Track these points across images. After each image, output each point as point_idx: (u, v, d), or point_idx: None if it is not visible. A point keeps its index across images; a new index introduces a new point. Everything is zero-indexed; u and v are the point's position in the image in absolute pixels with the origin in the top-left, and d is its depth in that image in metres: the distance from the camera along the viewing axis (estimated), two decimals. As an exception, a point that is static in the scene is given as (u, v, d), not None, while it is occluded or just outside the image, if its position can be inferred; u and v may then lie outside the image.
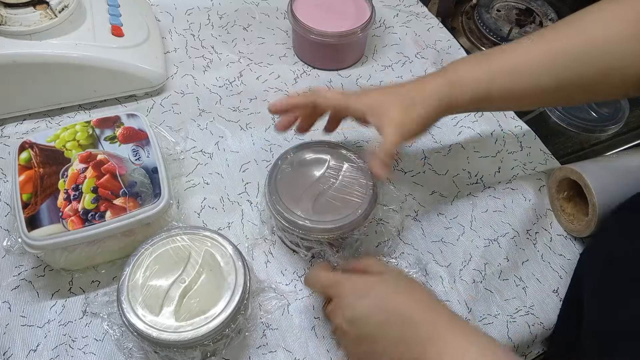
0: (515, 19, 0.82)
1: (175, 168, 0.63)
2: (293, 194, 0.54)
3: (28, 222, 0.49)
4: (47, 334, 0.52)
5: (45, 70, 0.62)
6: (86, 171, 0.53)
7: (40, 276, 0.55)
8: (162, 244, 0.51)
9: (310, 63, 0.76)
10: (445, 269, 0.59)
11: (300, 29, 0.71)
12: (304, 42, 0.74)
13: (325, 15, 0.73)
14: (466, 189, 0.65)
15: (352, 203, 0.54)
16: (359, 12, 0.73)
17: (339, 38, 0.71)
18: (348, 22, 0.72)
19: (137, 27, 0.70)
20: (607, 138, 0.73)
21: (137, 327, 0.46)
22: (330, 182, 0.56)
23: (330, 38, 0.71)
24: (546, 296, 0.58)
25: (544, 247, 0.61)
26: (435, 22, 0.84)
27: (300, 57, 0.77)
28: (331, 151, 0.58)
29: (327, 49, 0.73)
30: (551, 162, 0.68)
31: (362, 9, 0.74)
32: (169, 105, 0.70)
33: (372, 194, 0.55)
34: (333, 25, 0.71)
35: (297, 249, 0.57)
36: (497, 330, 0.55)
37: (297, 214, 0.53)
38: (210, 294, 0.48)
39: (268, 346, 0.53)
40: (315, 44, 0.73)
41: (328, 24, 0.71)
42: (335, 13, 0.73)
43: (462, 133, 0.70)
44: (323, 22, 0.71)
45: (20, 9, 0.59)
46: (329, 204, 0.54)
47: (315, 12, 0.73)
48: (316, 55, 0.75)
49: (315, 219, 0.53)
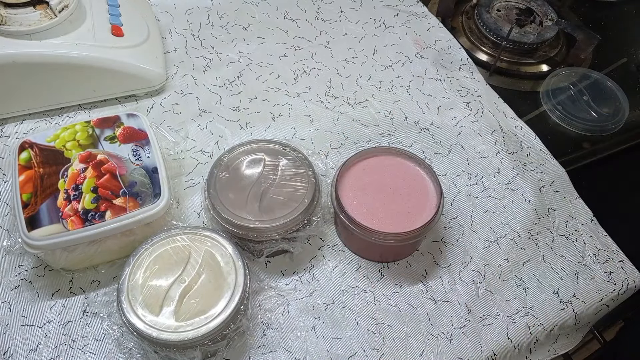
0: (515, 19, 0.82)
1: (175, 168, 0.63)
2: (237, 199, 0.54)
3: (28, 222, 0.49)
4: (47, 333, 0.52)
5: (45, 70, 0.62)
6: (86, 171, 0.53)
7: (40, 276, 0.55)
8: (162, 244, 0.51)
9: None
10: (445, 269, 0.59)
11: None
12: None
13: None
14: (466, 189, 0.65)
15: (297, 194, 0.54)
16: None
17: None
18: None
19: (137, 27, 0.70)
20: (607, 138, 0.73)
21: (137, 327, 0.46)
22: (271, 178, 0.55)
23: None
24: (546, 297, 0.58)
25: (545, 247, 0.61)
26: (435, 22, 0.84)
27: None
28: (264, 149, 0.58)
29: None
30: (551, 162, 0.68)
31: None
32: (169, 105, 0.70)
33: (315, 181, 0.55)
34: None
35: (252, 254, 0.56)
36: (497, 331, 0.55)
37: (246, 218, 0.53)
38: (210, 294, 0.48)
39: (268, 346, 0.53)
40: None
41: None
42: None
43: (462, 133, 0.70)
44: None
45: (20, 9, 0.59)
46: (275, 201, 0.54)
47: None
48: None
49: (266, 218, 0.53)
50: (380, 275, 0.58)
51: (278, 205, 0.54)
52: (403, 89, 0.75)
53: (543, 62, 0.82)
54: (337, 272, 0.58)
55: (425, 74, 0.77)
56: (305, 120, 0.70)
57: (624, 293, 0.60)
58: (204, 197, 0.56)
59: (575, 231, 0.63)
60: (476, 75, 0.77)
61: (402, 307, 0.56)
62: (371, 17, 0.84)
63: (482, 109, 0.73)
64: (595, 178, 0.72)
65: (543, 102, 0.76)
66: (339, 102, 0.73)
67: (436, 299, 0.57)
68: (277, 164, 0.57)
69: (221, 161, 0.57)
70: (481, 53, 0.82)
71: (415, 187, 0.57)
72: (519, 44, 0.79)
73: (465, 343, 0.54)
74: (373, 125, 0.71)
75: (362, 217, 0.54)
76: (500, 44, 0.79)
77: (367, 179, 0.58)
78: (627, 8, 0.94)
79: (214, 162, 0.57)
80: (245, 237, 0.53)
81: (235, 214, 0.53)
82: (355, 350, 0.53)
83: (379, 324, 0.55)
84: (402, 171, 0.58)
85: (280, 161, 0.57)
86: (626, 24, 0.91)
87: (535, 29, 0.81)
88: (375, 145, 0.68)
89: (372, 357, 0.53)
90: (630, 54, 0.85)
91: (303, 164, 0.57)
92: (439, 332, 0.55)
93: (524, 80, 0.80)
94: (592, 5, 0.93)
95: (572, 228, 0.63)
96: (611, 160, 0.73)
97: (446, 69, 0.78)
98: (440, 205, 0.55)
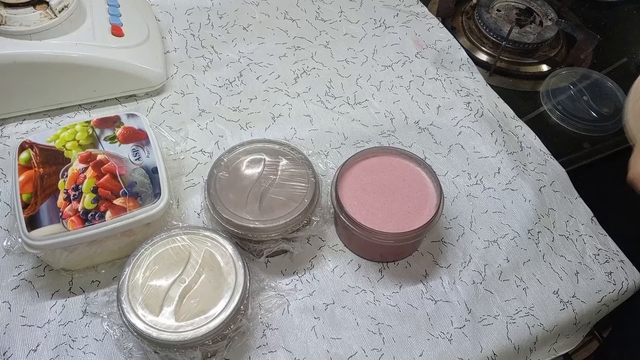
0: (515, 19, 0.82)
1: (175, 168, 0.63)
2: (237, 199, 0.54)
3: (28, 222, 0.49)
4: (47, 334, 0.52)
5: (45, 70, 0.62)
6: (86, 171, 0.53)
7: (40, 276, 0.55)
8: (162, 244, 0.51)
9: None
10: (445, 269, 0.59)
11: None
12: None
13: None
14: (466, 189, 0.65)
15: (297, 194, 0.54)
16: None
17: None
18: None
19: (137, 27, 0.70)
20: (607, 138, 0.73)
21: (137, 327, 0.46)
22: (271, 178, 0.56)
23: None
24: (546, 297, 0.58)
25: (545, 247, 0.61)
26: (435, 22, 0.84)
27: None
28: (264, 149, 0.58)
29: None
30: (551, 162, 0.68)
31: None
32: (169, 105, 0.70)
33: (315, 181, 0.55)
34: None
35: (252, 254, 0.56)
36: (497, 331, 0.55)
37: (246, 218, 0.53)
38: (210, 294, 0.48)
39: (268, 346, 0.53)
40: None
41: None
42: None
43: (462, 133, 0.70)
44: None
45: (20, 9, 0.59)
46: (275, 201, 0.54)
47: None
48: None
49: (266, 218, 0.53)
50: (380, 275, 0.58)
51: (278, 205, 0.54)
52: (403, 89, 0.75)
53: (543, 62, 0.82)
54: (337, 272, 0.58)
55: (425, 74, 0.77)
56: (305, 120, 0.70)
57: (624, 293, 0.60)
58: (204, 197, 0.56)
59: (576, 231, 0.63)
60: (476, 75, 0.77)
61: (402, 307, 0.56)
62: (371, 17, 0.84)
63: (482, 109, 0.73)
64: (595, 178, 0.72)
65: (543, 102, 0.76)
66: (339, 102, 0.73)
67: (436, 299, 0.57)
68: (277, 164, 0.57)
69: (221, 161, 0.57)
70: (481, 53, 0.82)
71: (415, 187, 0.57)
72: (519, 44, 0.79)
73: (465, 343, 0.54)
74: (373, 125, 0.71)
75: (362, 217, 0.54)
76: (500, 44, 0.79)
77: (367, 179, 0.58)
78: (627, 8, 0.94)
79: (214, 162, 0.57)
80: (245, 237, 0.54)
81: (235, 214, 0.53)
82: (355, 350, 0.53)
83: (379, 324, 0.55)
84: (402, 171, 0.58)
85: (280, 161, 0.57)
86: (626, 24, 0.91)
87: (535, 29, 0.81)
88: (375, 145, 0.68)
89: (372, 357, 0.53)
90: (630, 54, 0.85)
91: (303, 164, 0.57)
92: (439, 332, 0.55)
93: (524, 80, 0.80)
94: (592, 5, 0.93)
95: (572, 228, 0.63)
96: (611, 160, 0.73)
97: (446, 69, 0.78)
98: (440, 205, 0.55)
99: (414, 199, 0.56)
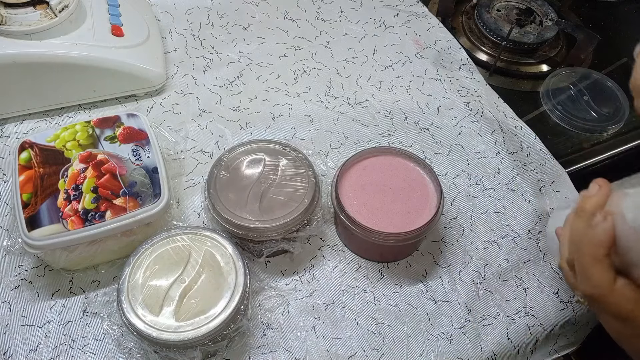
0: (515, 19, 0.82)
1: (175, 168, 0.63)
2: (237, 199, 0.54)
3: (28, 222, 0.49)
4: (47, 333, 0.52)
5: (45, 70, 0.62)
6: (86, 171, 0.53)
7: (40, 276, 0.55)
8: (162, 244, 0.51)
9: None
10: (445, 269, 0.59)
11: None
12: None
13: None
14: (466, 189, 0.65)
15: (297, 194, 0.54)
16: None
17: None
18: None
19: (137, 27, 0.70)
20: (607, 138, 0.73)
21: (137, 327, 0.46)
22: (271, 178, 0.56)
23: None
24: (547, 297, 0.58)
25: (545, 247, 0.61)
26: (435, 22, 0.84)
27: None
28: (264, 149, 0.58)
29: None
30: (551, 162, 0.68)
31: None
32: (169, 105, 0.70)
33: (315, 181, 0.55)
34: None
35: (252, 254, 0.56)
36: (497, 332, 0.55)
37: (246, 218, 0.53)
38: (210, 294, 0.48)
39: (268, 346, 0.53)
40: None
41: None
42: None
43: (462, 133, 0.70)
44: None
45: (20, 9, 0.59)
46: (275, 201, 0.54)
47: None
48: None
49: (266, 218, 0.53)
50: (380, 275, 0.58)
51: (278, 205, 0.54)
52: (403, 89, 0.75)
53: (543, 62, 0.82)
54: (337, 272, 0.58)
55: (425, 74, 0.77)
56: (305, 120, 0.70)
57: (624, 293, 0.60)
58: (204, 197, 0.56)
59: (575, 231, 0.63)
60: (476, 75, 0.77)
61: (402, 307, 0.56)
62: (371, 17, 0.84)
63: (482, 109, 0.73)
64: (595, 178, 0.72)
65: (543, 102, 0.76)
66: (339, 102, 0.73)
67: (436, 299, 0.57)
68: (277, 164, 0.57)
69: (221, 161, 0.57)
70: (481, 53, 0.82)
71: (415, 187, 0.57)
72: (519, 44, 0.79)
73: (465, 343, 0.54)
74: (373, 125, 0.71)
75: (362, 217, 0.54)
76: (500, 44, 0.79)
77: (367, 179, 0.58)
78: (627, 8, 0.94)
79: (214, 162, 0.57)
80: (245, 237, 0.54)
81: (235, 214, 0.53)
82: (355, 350, 0.53)
83: (379, 324, 0.55)
84: (402, 171, 0.58)
85: (280, 161, 0.57)
86: (626, 24, 0.91)
87: (535, 29, 0.81)
88: (375, 145, 0.68)
89: (372, 357, 0.53)
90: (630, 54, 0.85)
91: (303, 164, 0.57)
92: (439, 332, 0.55)
93: (524, 80, 0.80)
94: (592, 5, 0.93)
95: (572, 228, 0.63)
96: (611, 160, 0.73)
97: (446, 69, 0.78)
98: (440, 206, 0.55)
99: (414, 199, 0.56)
